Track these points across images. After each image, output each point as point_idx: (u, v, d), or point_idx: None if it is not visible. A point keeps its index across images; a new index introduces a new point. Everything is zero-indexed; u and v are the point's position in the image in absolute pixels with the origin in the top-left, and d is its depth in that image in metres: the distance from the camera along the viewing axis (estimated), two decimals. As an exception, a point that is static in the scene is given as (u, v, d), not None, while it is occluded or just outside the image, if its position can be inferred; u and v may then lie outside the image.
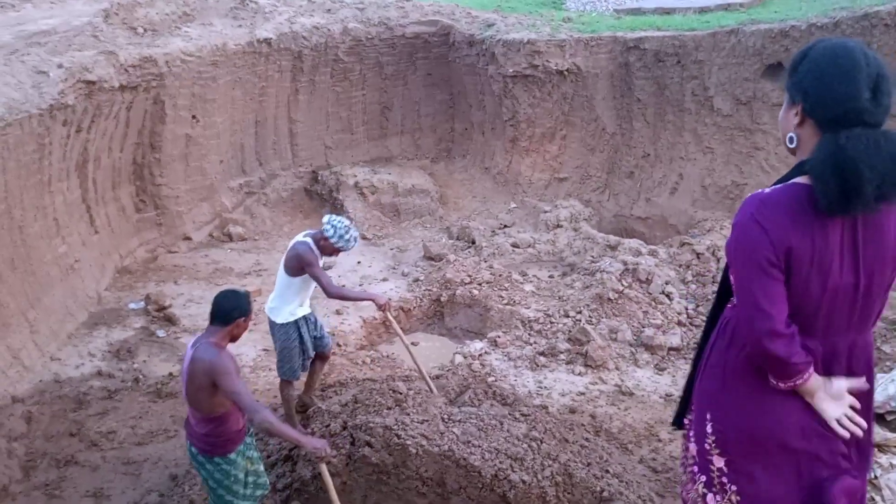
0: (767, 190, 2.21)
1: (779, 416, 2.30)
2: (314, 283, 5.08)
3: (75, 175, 7.72)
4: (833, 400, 2.26)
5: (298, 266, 4.98)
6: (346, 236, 4.96)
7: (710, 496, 2.45)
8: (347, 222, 5.05)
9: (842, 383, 2.27)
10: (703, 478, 2.47)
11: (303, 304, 5.24)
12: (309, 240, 5.06)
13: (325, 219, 5.06)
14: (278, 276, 5.14)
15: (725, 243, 2.34)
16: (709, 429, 2.43)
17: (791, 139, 2.23)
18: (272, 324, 5.20)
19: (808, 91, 2.14)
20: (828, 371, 2.29)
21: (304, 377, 5.53)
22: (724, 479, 2.40)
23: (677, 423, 2.78)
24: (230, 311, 3.66)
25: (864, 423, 2.27)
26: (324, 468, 3.67)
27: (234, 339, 3.74)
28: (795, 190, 2.16)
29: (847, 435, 2.24)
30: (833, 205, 2.05)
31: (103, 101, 7.59)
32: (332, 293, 4.98)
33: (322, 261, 5.11)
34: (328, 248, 5.03)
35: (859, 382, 2.30)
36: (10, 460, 5.10)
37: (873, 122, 2.06)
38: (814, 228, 2.11)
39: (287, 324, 5.15)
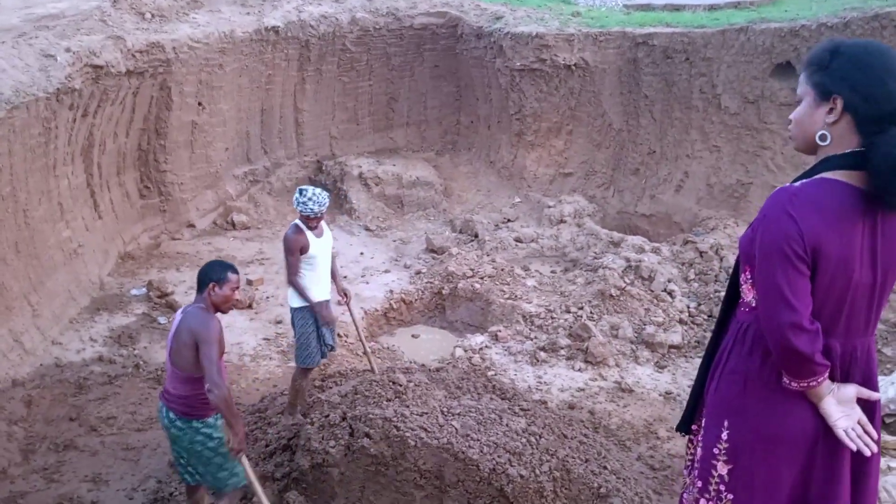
0: (797, 184, 2.17)
1: (801, 418, 2.26)
2: (323, 264, 5.24)
3: (80, 159, 7.72)
4: (841, 406, 2.22)
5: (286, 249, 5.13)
6: (301, 199, 5.02)
7: (702, 501, 2.45)
8: (310, 188, 5.11)
9: (850, 390, 2.24)
10: (699, 483, 2.47)
11: (318, 285, 5.25)
12: (298, 220, 5.17)
13: None
14: None
15: (741, 238, 2.30)
16: (724, 436, 2.37)
17: (823, 136, 2.17)
18: (291, 309, 5.33)
19: (855, 87, 2.09)
20: (846, 374, 2.26)
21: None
22: (722, 487, 2.39)
23: (682, 428, 2.73)
24: (202, 278, 3.77)
25: (874, 439, 2.23)
26: (244, 460, 3.75)
27: (216, 308, 3.79)
28: (826, 185, 2.13)
29: (854, 448, 2.20)
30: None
31: (110, 86, 7.58)
32: (288, 279, 5.19)
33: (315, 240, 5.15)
34: (304, 220, 5.11)
35: (868, 392, 2.27)
36: (9, 443, 5.12)
37: None
38: (841, 225, 2.09)
39: (301, 308, 5.24)
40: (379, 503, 4.23)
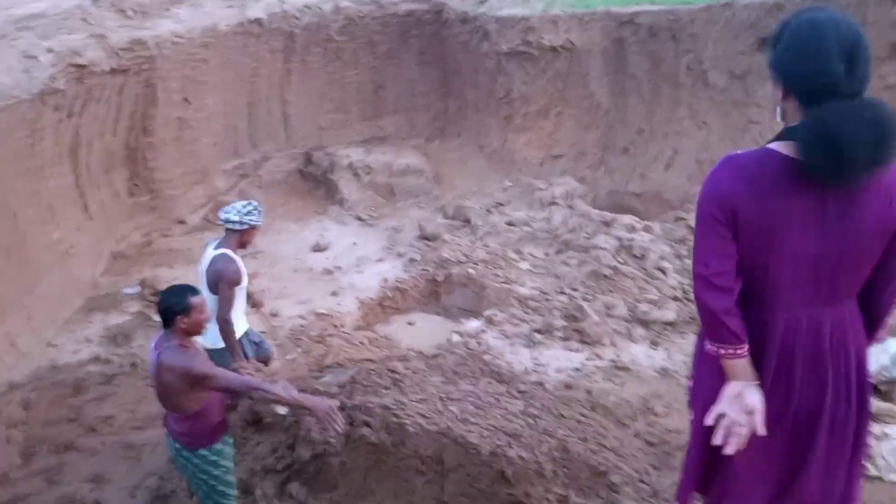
0: (739, 152, 2.27)
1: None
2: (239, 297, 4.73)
3: (68, 160, 7.67)
4: (738, 401, 2.24)
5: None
6: (249, 210, 4.65)
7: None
8: (244, 201, 4.75)
9: (756, 399, 2.24)
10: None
11: (241, 317, 4.85)
12: (226, 250, 4.67)
13: None
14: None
15: None
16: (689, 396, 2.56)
17: (780, 113, 2.27)
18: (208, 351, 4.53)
19: (782, 69, 2.20)
20: (789, 349, 2.28)
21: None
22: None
23: None
24: (165, 314, 3.49)
25: (734, 446, 2.22)
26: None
27: (189, 334, 3.55)
28: (764, 154, 2.19)
29: (718, 438, 2.23)
30: (826, 175, 2.07)
31: (94, 85, 7.53)
32: (221, 316, 4.58)
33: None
34: (241, 241, 4.73)
35: (760, 426, 2.22)
36: (9, 447, 5.13)
37: (849, 93, 2.07)
38: (769, 195, 2.14)
39: (222, 349, 4.72)
40: (381, 490, 4.26)
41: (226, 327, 4.60)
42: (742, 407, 2.23)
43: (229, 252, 4.62)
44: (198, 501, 4.21)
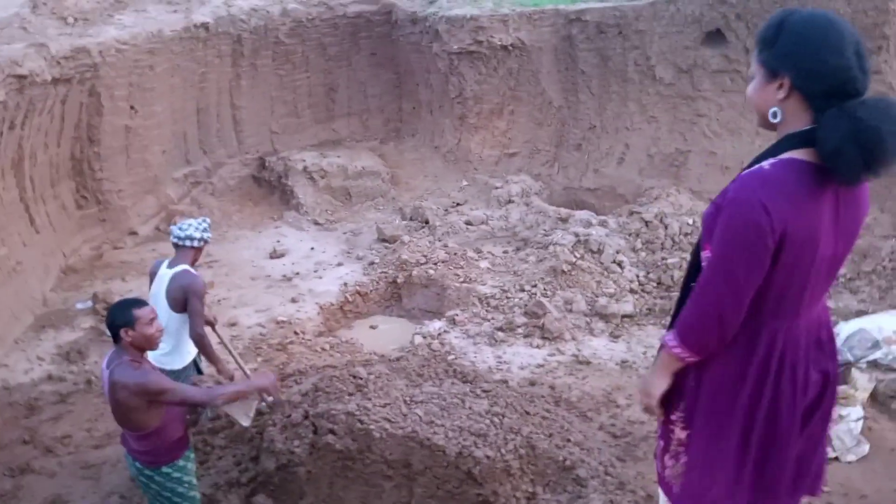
0: (767, 167, 2.14)
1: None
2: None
3: (11, 174, 7.42)
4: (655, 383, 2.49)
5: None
6: (202, 227, 4.60)
7: (666, 457, 2.60)
8: (191, 219, 4.66)
9: (659, 390, 2.48)
10: (661, 443, 2.63)
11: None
12: (185, 265, 4.57)
13: None
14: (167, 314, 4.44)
15: (705, 214, 2.29)
16: (680, 406, 2.48)
17: (775, 114, 2.17)
18: (168, 371, 4.49)
19: (798, 65, 2.08)
20: (780, 360, 2.31)
21: None
22: (681, 449, 2.52)
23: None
24: (111, 329, 3.44)
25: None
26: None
27: (139, 348, 3.46)
28: (792, 167, 2.11)
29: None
30: (857, 176, 2.04)
31: (36, 96, 7.30)
32: (197, 332, 4.47)
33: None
34: (195, 258, 4.66)
35: (654, 410, 2.54)
36: (-39, 472, 4.95)
37: (863, 91, 2.06)
38: (808, 206, 2.10)
39: (185, 368, 4.68)
40: (348, 497, 4.24)
41: (202, 341, 4.50)
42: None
43: (189, 268, 4.54)
44: None
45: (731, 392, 2.34)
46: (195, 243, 4.58)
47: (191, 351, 4.69)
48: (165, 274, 4.54)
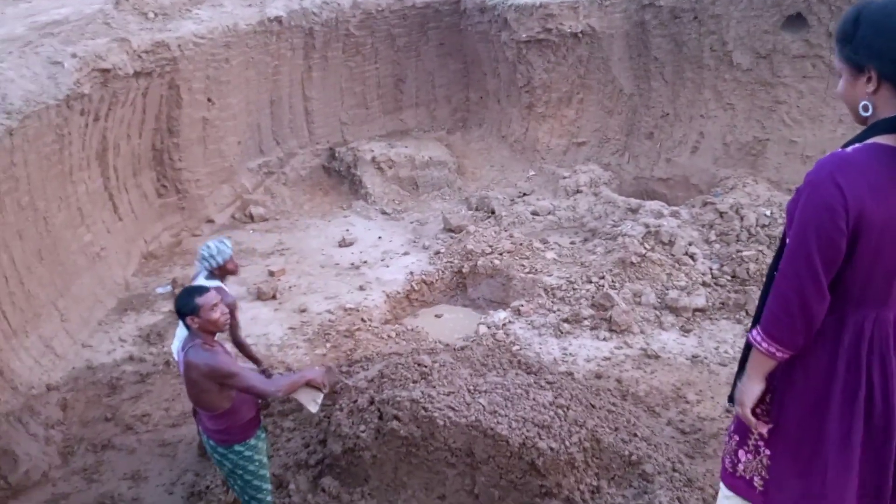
0: (849, 149, 2.12)
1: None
2: None
3: (96, 164, 7.79)
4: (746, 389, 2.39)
5: None
6: (226, 248, 4.60)
7: (741, 451, 2.51)
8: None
9: (757, 389, 2.37)
10: (737, 437, 2.54)
11: None
12: (217, 281, 4.59)
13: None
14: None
15: (788, 204, 2.25)
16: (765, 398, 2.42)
17: (866, 107, 2.13)
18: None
19: (883, 55, 2.04)
20: (863, 344, 2.23)
21: None
22: (761, 443, 2.44)
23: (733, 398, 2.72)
24: (179, 316, 3.59)
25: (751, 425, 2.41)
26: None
27: (208, 332, 3.58)
28: (875, 150, 2.08)
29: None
30: None
31: (119, 89, 7.63)
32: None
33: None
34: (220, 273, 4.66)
35: (748, 420, 2.40)
36: (48, 447, 5.24)
37: None
38: (891, 191, 2.05)
39: None
40: (412, 483, 4.28)
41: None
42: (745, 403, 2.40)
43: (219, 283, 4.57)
44: (234, 496, 4.27)
45: (822, 386, 2.27)
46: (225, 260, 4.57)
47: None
48: (204, 282, 4.48)
